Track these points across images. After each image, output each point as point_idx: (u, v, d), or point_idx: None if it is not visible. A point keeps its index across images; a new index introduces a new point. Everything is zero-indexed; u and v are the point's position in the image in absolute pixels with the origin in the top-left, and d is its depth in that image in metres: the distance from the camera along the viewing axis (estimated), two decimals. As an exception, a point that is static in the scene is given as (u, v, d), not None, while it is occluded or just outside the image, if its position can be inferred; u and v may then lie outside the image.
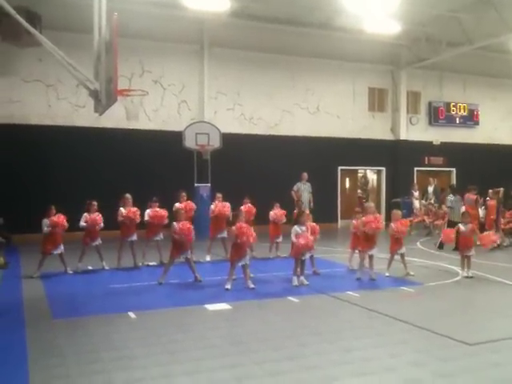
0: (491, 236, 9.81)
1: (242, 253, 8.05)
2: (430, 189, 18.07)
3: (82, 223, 9.58)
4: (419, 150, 20.05)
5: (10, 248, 11.92)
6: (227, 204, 10.77)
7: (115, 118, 13.52)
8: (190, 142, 15.47)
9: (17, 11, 9.10)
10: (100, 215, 9.70)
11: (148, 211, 10.22)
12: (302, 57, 18.00)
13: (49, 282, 8.78)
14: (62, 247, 9.31)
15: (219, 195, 11.14)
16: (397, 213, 9.48)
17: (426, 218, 16.48)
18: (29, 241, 11.75)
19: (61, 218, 9.17)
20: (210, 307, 7.00)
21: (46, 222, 9.11)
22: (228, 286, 8.00)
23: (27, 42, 11.97)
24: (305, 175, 15.26)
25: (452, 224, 11.03)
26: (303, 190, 15.07)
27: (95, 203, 9.77)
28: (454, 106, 20.90)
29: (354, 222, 9.57)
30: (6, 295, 7.43)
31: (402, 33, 17.16)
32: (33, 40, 10.11)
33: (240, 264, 8.12)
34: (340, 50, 17.93)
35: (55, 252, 9.29)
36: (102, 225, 9.70)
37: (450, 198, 13.56)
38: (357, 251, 9.51)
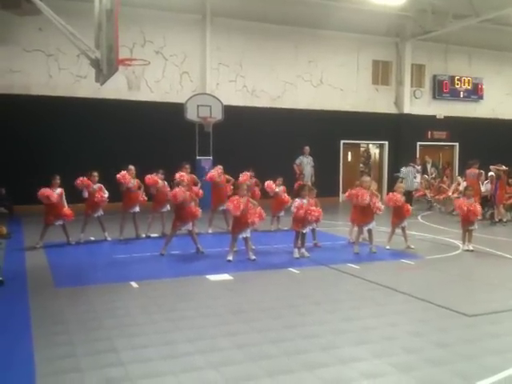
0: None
1: (242, 225, 8.08)
2: (429, 165, 18.16)
3: (85, 194, 9.62)
4: (422, 124, 19.92)
5: (13, 218, 11.99)
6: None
7: (117, 88, 13.42)
8: (191, 114, 15.38)
9: (16, -23, 8.97)
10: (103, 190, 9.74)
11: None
12: (306, 28, 17.71)
13: (51, 252, 8.84)
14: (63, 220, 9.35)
15: (220, 167, 11.12)
16: (401, 186, 9.47)
17: (427, 192, 16.49)
18: (31, 211, 11.80)
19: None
20: (212, 277, 7.06)
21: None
22: (230, 258, 8.06)
23: (27, 9, 11.77)
24: (307, 149, 15.20)
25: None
26: (305, 164, 15.04)
27: (96, 174, 9.77)
28: (458, 79, 20.65)
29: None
30: (9, 265, 7.46)
31: (408, 4, 16.83)
32: (33, 8, 9.95)
33: (241, 236, 8.16)
34: (344, 21, 17.61)
35: (57, 223, 9.33)
36: (106, 196, 9.73)
37: (403, 169, 14.71)
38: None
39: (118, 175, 9.86)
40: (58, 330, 4.93)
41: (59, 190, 9.27)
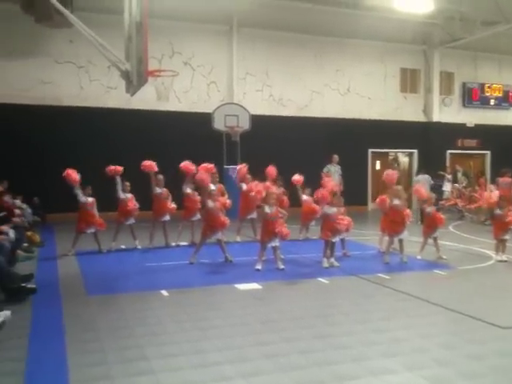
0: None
1: (271, 234, 8.07)
2: (459, 174, 17.85)
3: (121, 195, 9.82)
4: (452, 133, 19.64)
5: (45, 227, 12.25)
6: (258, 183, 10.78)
7: (146, 99, 13.64)
8: (219, 124, 15.50)
9: (48, -8, 9.21)
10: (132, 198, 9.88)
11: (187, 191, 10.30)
12: (332, 37, 17.72)
13: (83, 260, 8.99)
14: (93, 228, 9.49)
15: (248, 177, 11.12)
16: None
17: (458, 201, 16.20)
18: (63, 220, 12.04)
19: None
20: (241, 287, 7.06)
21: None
22: (258, 267, 8.05)
23: (58, 22, 12.13)
24: (335, 157, 15.13)
25: None
26: (333, 173, 14.95)
27: (128, 183, 9.94)
28: (488, 87, 20.35)
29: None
30: (42, 272, 7.65)
31: (435, 11, 16.68)
32: (64, 21, 10.22)
33: (270, 245, 8.15)
34: (371, 29, 17.56)
35: (89, 231, 9.49)
36: (136, 207, 9.86)
37: (417, 178, 14.76)
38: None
39: (143, 164, 9.92)
40: (90, 338, 4.99)
41: (91, 199, 9.44)
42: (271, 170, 10.68)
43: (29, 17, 12.85)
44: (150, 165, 9.93)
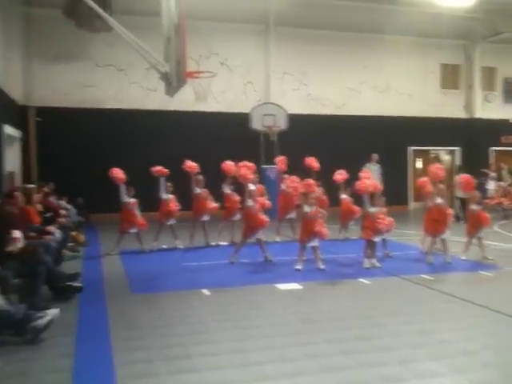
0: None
1: (311, 234, 8.02)
2: (504, 172, 17.31)
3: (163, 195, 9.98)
4: (495, 129, 19.08)
5: (89, 227, 12.55)
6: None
7: (185, 100, 13.80)
8: (256, 124, 15.54)
9: (89, -3, 9.44)
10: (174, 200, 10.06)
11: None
12: (370, 33, 17.49)
13: (127, 259, 9.17)
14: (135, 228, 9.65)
15: (286, 176, 11.09)
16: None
17: (503, 200, 15.72)
18: (106, 220, 12.32)
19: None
20: (281, 286, 7.05)
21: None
22: (299, 267, 8.02)
23: (99, 27, 12.45)
24: (375, 156, 14.94)
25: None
26: (373, 172, 14.74)
27: (170, 184, 10.11)
28: (533, 82, 19.68)
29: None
30: (87, 271, 7.84)
31: (476, 5, 16.20)
32: (104, 25, 10.46)
33: (310, 245, 8.11)
34: (409, 25, 17.20)
35: (131, 231, 9.66)
36: (177, 207, 10.04)
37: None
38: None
39: (186, 165, 10.10)
40: (134, 335, 5.08)
41: (133, 200, 9.61)
42: (311, 161, 10.63)
43: (71, 22, 13.23)
44: (191, 166, 10.06)
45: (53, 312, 5.00)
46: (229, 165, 10.11)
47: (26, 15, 14.70)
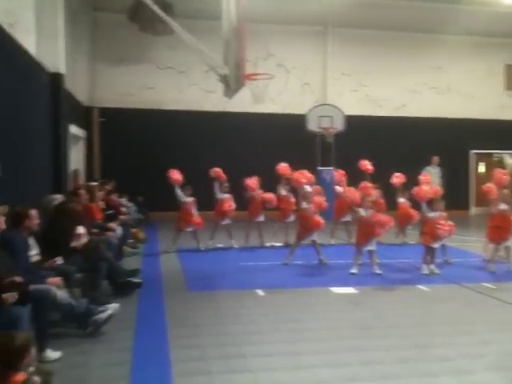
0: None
1: (368, 237, 7.91)
2: None
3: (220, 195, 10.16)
4: None
5: (149, 224, 12.91)
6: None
7: (242, 102, 13.87)
8: (313, 125, 15.44)
9: (152, 2, 9.71)
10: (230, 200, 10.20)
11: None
12: (430, 33, 16.96)
13: (184, 257, 9.36)
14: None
15: (343, 179, 10.99)
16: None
17: None
18: (165, 218, 12.65)
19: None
20: (335, 290, 6.99)
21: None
22: (354, 271, 7.92)
23: (161, 30, 12.78)
24: (435, 159, 14.48)
25: None
26: (433, 175, 14.33)
27: (227, 185, 10.26)
28: None
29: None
30: (146, 268, 8.08)
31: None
32: (166, 28, 10.73)
33: (366, 249, 7.99)
34: (472, 24, 16.53)
35: (188, 229, 9.86)
36: (232, 207, 10.15)
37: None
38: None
39: (247, 181, 10.27)
40: (190, 333, 5.19)
41: (191, 199, 9.81)
42: (365, 164, 10.51)
43: (134, 26, 13.65)
44: (217, 171, 10.18)
45: (113, 307, 5.19)
46: (283, 167, 10.14)
47: (93, 19, 15.29)
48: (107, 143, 15.11)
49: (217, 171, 10.20)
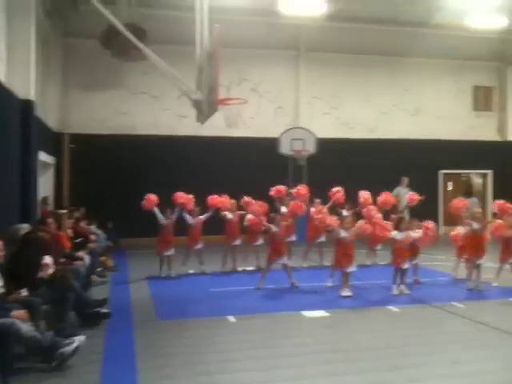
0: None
1: (351, 259, 7.94)
2: None
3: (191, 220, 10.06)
4: (530, 152, 18.59)
5: (118, 251, 12.69)
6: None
7: (215, 126, 13.93)
8: (285, 148, 15.58)
9: (125, 28, 9.75)
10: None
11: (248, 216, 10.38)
12: (400, 57, 17.41)
13: (154, 284, 9.21)
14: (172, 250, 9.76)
15: (317, 201, 11.04)
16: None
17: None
18: (135, 244, 12.47)
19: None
20: (308, 314, 6.97)
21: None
22: (348, 293, 7.90)
23: (134, 56, 12.77)
24: (405, 180, 14.73)
25: None
26: (403, 195, 14.54)
27: (197, 209, 10.14)
28: None
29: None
30: (115, 297, 7.89)
31: (509, 27, 16.00)
32: (139, 54, 10.74)
33: (347, 270, 7.97)
34: (441, 47, 17.08)
35: (168, 253, 9.74)
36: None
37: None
38: (463, 260, 9.05)
39: (216, 200, 10.18)
40: (161, 364, 5.07)
41: (170, 221, 9.75)
42: (337, 194, 10.60)
43: (107, 52, 13.65)
44: (182, 197, 9.96)
45: (79, 339, 5.05)
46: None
47: (65, 45, 15.23)
48: (77, 169, 14.93)
49: (182, 197, 9.99)
